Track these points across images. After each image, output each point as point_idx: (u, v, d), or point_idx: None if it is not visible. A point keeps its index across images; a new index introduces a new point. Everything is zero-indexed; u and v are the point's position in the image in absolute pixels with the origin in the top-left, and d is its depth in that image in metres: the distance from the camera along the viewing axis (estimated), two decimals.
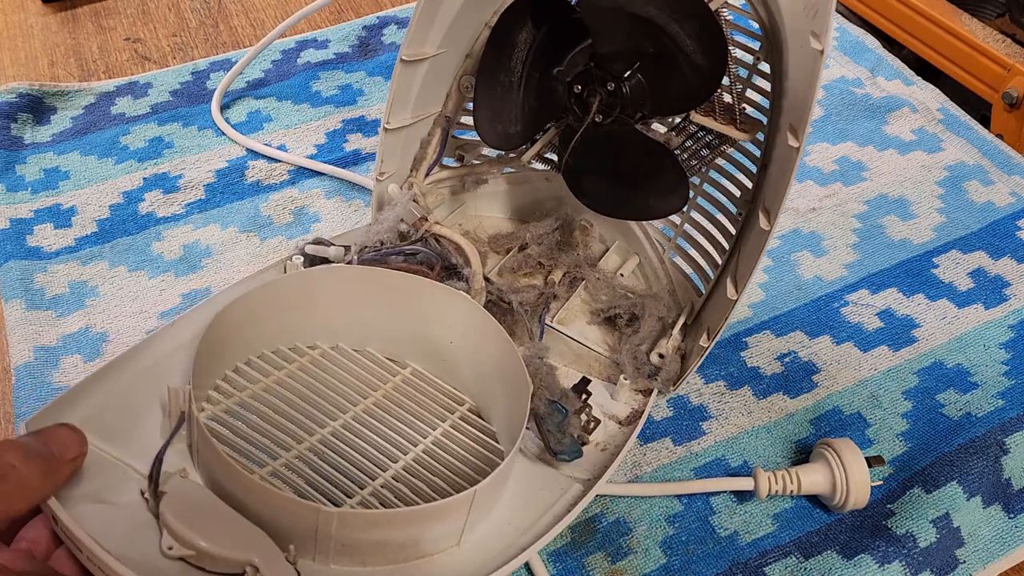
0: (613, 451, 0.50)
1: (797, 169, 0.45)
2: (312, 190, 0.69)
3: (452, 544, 0.44)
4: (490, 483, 0.43)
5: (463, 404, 0.51)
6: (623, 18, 0.47)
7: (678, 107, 0.50)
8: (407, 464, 0.47)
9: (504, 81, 0.52)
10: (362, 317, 0.52)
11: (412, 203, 0.55)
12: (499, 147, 0.56)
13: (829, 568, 0.49)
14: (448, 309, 0.51)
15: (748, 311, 0.62)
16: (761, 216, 0.48)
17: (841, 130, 0.76)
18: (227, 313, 0.48)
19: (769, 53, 0.49)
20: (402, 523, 0.42)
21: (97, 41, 0.82)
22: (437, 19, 0.51)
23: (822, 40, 0.42)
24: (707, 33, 0.45)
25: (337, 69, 0.79)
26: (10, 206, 0.66)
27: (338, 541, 0.41)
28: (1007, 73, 0.79)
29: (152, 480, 0.41)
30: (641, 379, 0.53)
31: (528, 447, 0.49)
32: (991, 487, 0.52)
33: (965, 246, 0.67)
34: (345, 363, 0.52)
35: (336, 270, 0.52)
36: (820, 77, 0.42)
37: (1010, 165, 0.73)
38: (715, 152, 0.53)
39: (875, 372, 0.58)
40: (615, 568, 0.49)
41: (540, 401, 0.49)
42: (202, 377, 0.47)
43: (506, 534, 0.45)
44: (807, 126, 0.44)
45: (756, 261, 0.48)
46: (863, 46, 0.84)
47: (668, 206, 0.52)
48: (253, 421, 0.47)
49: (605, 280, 0.58)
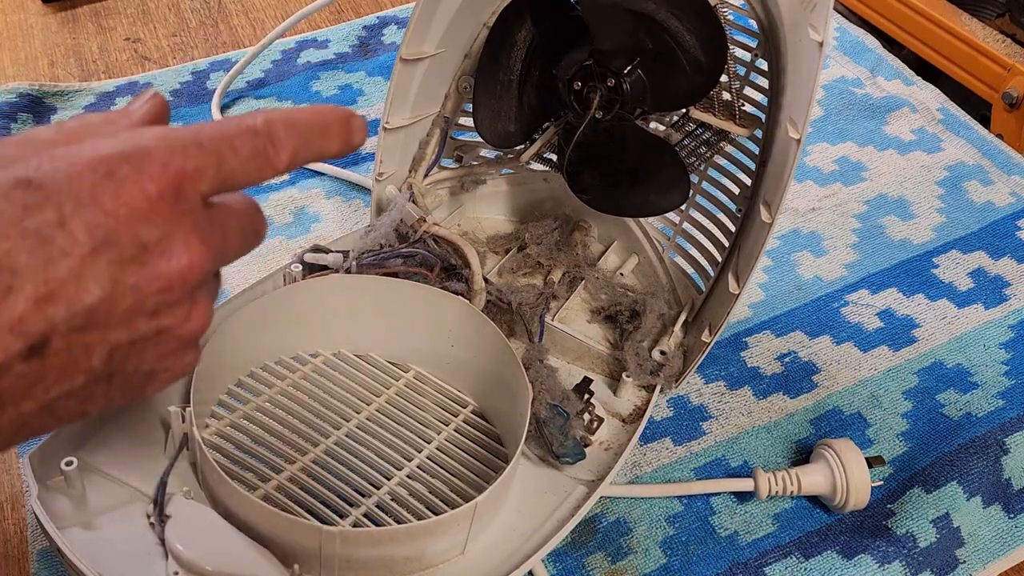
0: (617, 450, 0.50)
1: (798, 160, 0.45)
2: (312, 190, 0.69)
3: (457, 554, 0.44)
4: (491, 494, 0.43)
5: (466, 407, 0.51)
6: (622, 14, 0.47)
7: (678, 103, 0.50)
8: (412, 471, 0.47)
9: (503, 80, 0.52)
10: (362, 323, 0.52)
11: (411, 204, 0.55)
12: (499, 146, 0.56)
13: (829, 568, 0.49)
14: (446, 314, 0.51)
15: (748, 311, 0.62)
16: (762, 209, 0.48)
17: (841, 130, 0.76)
18: (226, 329, 0.47)
19: (767, 50, 0.49)
20: (405, 539, 0.41)
21: (97, 41, 0.82)
22: (436, 18, 0.51)
23: (821, 32, 0.42)
24: (707, 29, 0.45)
25: (337, 69, 0.79)
26: None
27: (342, 558, 0.41)
28: (1007, 73, 0.78)
29: (156, 504, 0.41)
30: (644, 375, 0.53)
31: (532, 450, 0.49)
32: (991, 487, 0.52)
33: (965, 246, 0.67)
34: (348, 369, 0.52)
35: (333, 279, 0.51)
36: (820, 68, 0.43)
37: (1010, 165, 0.73)
38: (714, 148, 0.53)
39: (875, 372, 0.58)
40: (615, 568, 0.49)
41: (541, 405, 0.49)
42: (204, 394, 0.47)
43: (511, 540, 0.45)
44: (807, 117, 0.44)
45: (758, 254, 0.48)
46: (863, 46, 0.84)
47: (668, 202, 0.52)
48: (258, 435, 0.47)
49: (605, 279, 0.58)
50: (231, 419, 0.48)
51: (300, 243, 0.65)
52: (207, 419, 0.47)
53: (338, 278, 0.52)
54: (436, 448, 0.49)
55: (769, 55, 0.49)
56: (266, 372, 0.51)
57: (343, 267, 0.53)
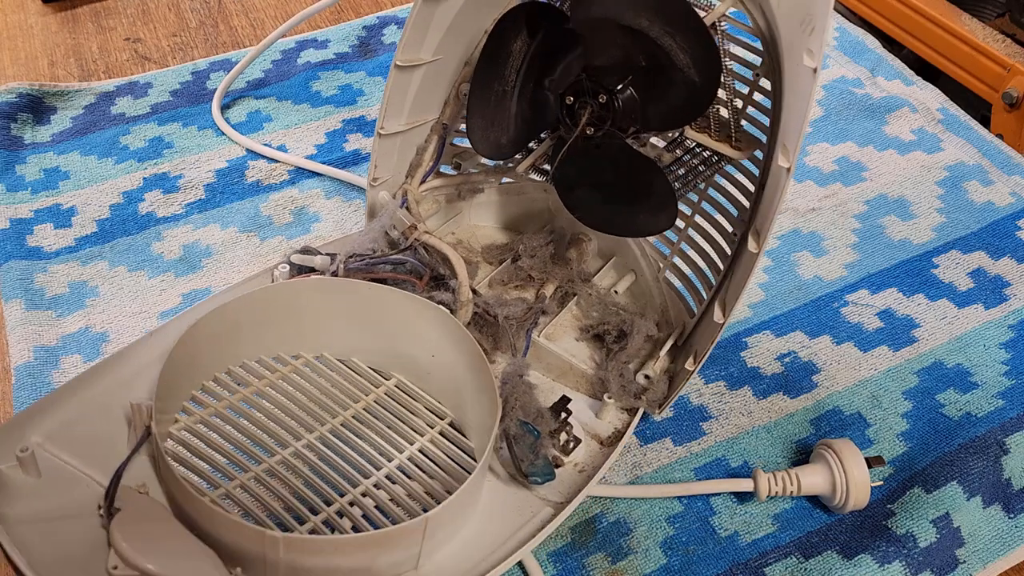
0: (590, 472, 0.49)
1: (788, 189, 0.43)
2: (312, 190, 0.69)
3: (409, 568, 0.43)
4: (445, 509, 0.42)
5: (444, 418, 0.51)
6: (615, 30, 0.46)
7: (671, 122, 0.49)
8: (379, 480, 0.46)
9: (498, 90, 0.52)
10: (346, 328, 0.51)
11: (403, 210, 0.54)
12: (491, 156, 0.56)
13: (829, 568, 0.49)
14: (427, 323, 0.50)
15: (748, 311, 0.62)
16: (750, 238, 0.47)
17: (841, 130, 0.76)
18: (200, 326, 0.47)
19: (770, 70, 0.47)
20: (351, 549, 0.41)
21: (97, 41, 0.82)
22: (433, 24, 0.51)
23: (816, 58, 0.41)
24: (701, 48, 0.44)
25: (337, 69, 0.79)
26: (10, 206, 0.66)
27: (286, 565, 0.40)
28: (1007, 73, 0.78)
29: (108, 496, 0.41)
30: (627, 398, 0.52)
31: (501, 467, 0.49)
32: (991, 487, 0.52)
33: (965, 246, 0.67)
34: (328, 373, 0.51)
35: (315, 281, 0.51)
36: (813, 95, 0.41)
37: (1010, 165, 0.73)
38: (712, 168, 0.51)
39: (875, 372, 0.58)
40: (615, 568, 0.49)
41: (512, 422, 0.48)
42: (175, 389, 0.46)
43: (468, 558, 0.44)
44: (798, 145, 0.42)
45: (744, 285, 0.47)
46: (863, 46, 0.84)
47: (657, 224, 0.51)
48: (228, 432, 0.47)
49: (598, 296, 0.57)
50: (202, 415, 0.47)
51: (300, 243, 0.65)
52: (178, 414, 0.47)
53: (321, 280, 0.51)
54: (407, 459, 0.48)
55: (773, 75, 0.47)
56: (244, 371, 0.50)
57: (330, 270, 0.52)
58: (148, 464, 0.44)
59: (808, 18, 0.41)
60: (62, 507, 0.41)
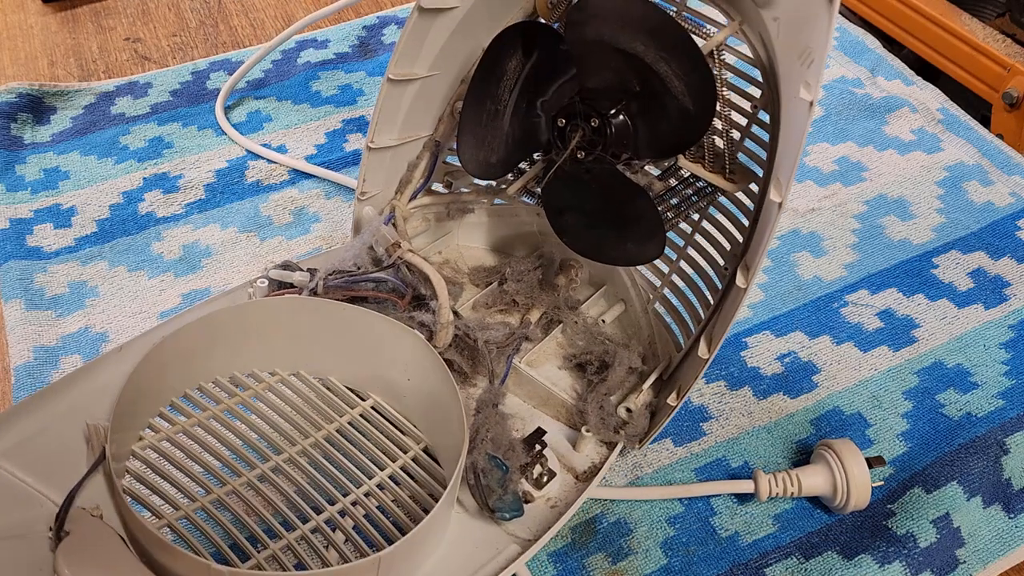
0: (562, 509, 0.47)
1: (777, 225, 0.42)
2: (312, 190, 0.69)
3: None
4: (399, 548, 0.40)
5: (419, 443, 0.49)
6: (610, 53, 0.45)
7: (664, 151, 0.48)
8: (345, 507, 0.44)
9: (490, 108, 0.50)
10: (323, 346, 0.50)
11: (387, 227, 0.52)
12: (479, 176, 0.54)
13: (829, 568, 0.49)
14: (400, 347, 0.49)
15: (748, 311, 0.62)
16: (739, 273, 0.45)
17: (841, 130, 0.76)
18: (170, 341, 0.45)
19: (769, 102, 0.46)
20: None
21: (97, 41, 0.82)
22: (428, 40, 0.49)
23: (812, 91, 0.39)
24: (697, 75, 0.43)
25: (337, 69, 0.79)
26: (10, 206, 0.66)
27: None
28: (1007, 73, 0.78)
29: (58, 518, 0.39)
30: (606, 431, 0.50)
31: (472, 499, 0.46)
32: (991, 487, 0.52)
33: (965, 246, 0.67)
34: (304, 391, 0.49)
35: (288, 301, 0.49)
36: (807, 129, 0.40)
37: (1010, 165, 0.73)
38: (706, 199, 0.50)
39: (875, 372, 0.58)
40: (616, 569, 0.49)
41: (480, 455, 0.46)
42: (139, 406, 0.44)
43: None
44: (791, 180, 0.41)
45: (730, 320, 0.45)
46: (863, 46, 0.84)
47: (644, 254, 0.50)
48: (194, 452, 0.45)
49: (584, 325, 0.55)
50: (168, 433, 0.45)
51: (300, 243, 0.65)
52: (143, 431, 0.45)
53: (295, 299, 0.49)
54: (376, 485, 0.46)
55: (772, 106, 0.46)
56: (215, 387, 0.48)
57: (309, 287, 0.50)
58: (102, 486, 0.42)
59: (807, 51, 0.40)
60: (11, 526, 0.39)
